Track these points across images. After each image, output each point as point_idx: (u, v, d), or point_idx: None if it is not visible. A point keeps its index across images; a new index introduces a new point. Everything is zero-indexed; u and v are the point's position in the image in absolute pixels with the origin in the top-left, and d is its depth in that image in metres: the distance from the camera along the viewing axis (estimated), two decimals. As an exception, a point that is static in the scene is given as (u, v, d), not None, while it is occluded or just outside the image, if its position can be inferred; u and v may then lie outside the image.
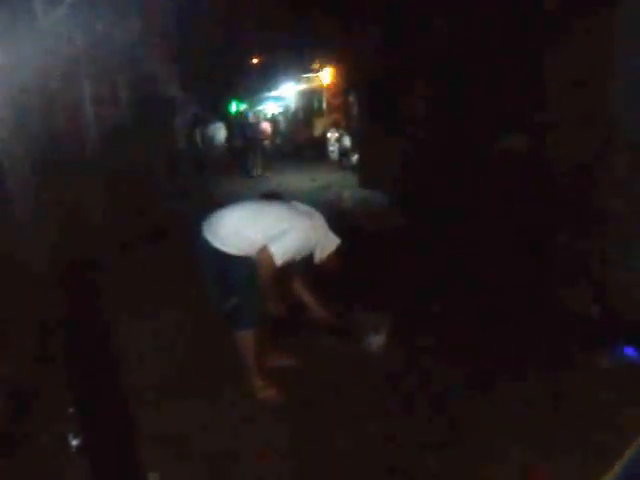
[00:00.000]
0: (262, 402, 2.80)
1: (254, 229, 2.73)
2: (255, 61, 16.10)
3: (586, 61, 3.62)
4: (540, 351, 3.13)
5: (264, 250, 2.65)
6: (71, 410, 2.71)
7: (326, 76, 14.26)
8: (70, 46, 5.34)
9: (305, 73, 15.41)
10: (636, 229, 3.34)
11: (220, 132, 14.88)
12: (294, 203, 2.98)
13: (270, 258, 2.64)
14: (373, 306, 3.49)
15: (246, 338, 2.79)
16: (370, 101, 9.01)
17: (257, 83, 17.77)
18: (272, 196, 3.14)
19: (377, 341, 3.25)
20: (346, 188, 9.66)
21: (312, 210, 2.95)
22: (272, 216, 2.81)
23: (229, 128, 15.04)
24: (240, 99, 20.31)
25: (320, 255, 2.87)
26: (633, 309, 3.23)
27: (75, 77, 5.62)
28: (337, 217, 3.22)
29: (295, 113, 19.83)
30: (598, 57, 3.51)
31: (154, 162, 8.51)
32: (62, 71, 5.04)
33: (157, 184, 8.46)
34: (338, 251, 2.90)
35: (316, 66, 14.12)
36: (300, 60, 14.02)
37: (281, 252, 2.65)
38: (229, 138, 14.86)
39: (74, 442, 2.47)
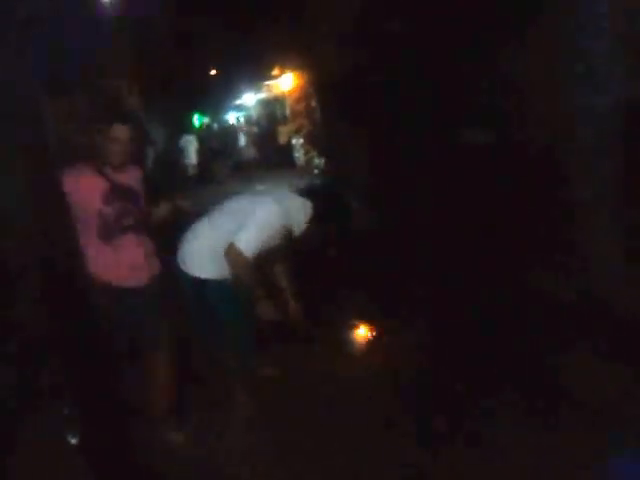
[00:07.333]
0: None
1: (215, 234, 2.60)
2: (213, 72, 15.92)
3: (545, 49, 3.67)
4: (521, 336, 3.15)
5: (231, 248, 2.46)
6: (66, 411, 2.60)
7: (287, 82, 14.16)
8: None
9: (265, 80, 15.29)
10: (603, 213, 3.40)
11: (191, 146, 14.76)
12: (257, 190, 2.89)
13: (240, 253, 2.46)
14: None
15: None
16: (332, 104, 8.97)
17: (217, 95, 17.60)
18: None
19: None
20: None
21: (279, 193, 2.85)
22: (229, 213, 2.68)
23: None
24: (202, 112, 20.10)
25: (298, 230, 2.71)
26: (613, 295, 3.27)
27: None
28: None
29: (258, 122, 19.71)
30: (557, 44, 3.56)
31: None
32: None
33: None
34: (314, 219, 2.73)
35: (276, 72, 14.00)
36: (258, 68, 13.89)
37: (252, 244, 2.48)
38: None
39: (72, 440, 2.50)
